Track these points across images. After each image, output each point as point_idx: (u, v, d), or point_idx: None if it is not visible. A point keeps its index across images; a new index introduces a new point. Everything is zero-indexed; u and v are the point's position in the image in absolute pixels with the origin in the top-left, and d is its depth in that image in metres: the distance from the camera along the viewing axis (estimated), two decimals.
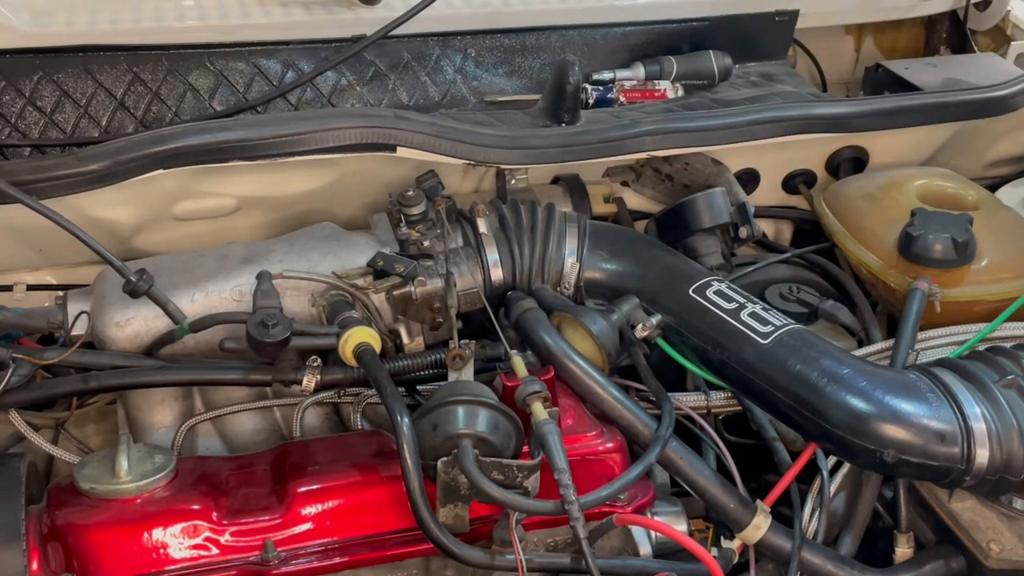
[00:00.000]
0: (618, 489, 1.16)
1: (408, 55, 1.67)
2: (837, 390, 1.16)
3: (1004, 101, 1.63)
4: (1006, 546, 1.21)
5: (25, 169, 1.29)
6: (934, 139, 1.68)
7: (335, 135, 1.34)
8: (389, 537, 1.19)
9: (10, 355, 1.23)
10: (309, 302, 1.33)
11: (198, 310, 1.30)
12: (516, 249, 1.39)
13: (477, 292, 1.36)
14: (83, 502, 1.16)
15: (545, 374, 1.23)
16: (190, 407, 1.37)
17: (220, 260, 1.36)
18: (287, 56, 1.62)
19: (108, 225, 1.39)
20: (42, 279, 1.50)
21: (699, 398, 1.39)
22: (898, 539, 1.29)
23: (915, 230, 1.41)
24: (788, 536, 1.21)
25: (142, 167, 1.30)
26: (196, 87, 1.59)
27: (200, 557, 1.14)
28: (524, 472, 1.11)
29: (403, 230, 1.37)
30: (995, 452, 1.12)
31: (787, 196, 1.71)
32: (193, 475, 1.21)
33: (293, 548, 1.16)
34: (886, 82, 1.78)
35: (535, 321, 1.29)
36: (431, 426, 1.13)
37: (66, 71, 1.55)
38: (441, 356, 1.28)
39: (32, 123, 1.55)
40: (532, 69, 1.72)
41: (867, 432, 1.13)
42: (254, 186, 1.42)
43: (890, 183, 1.59)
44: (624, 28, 1.76)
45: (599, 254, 1.39)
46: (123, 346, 1.30)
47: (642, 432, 1.23)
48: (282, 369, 1.27)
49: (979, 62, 1.82)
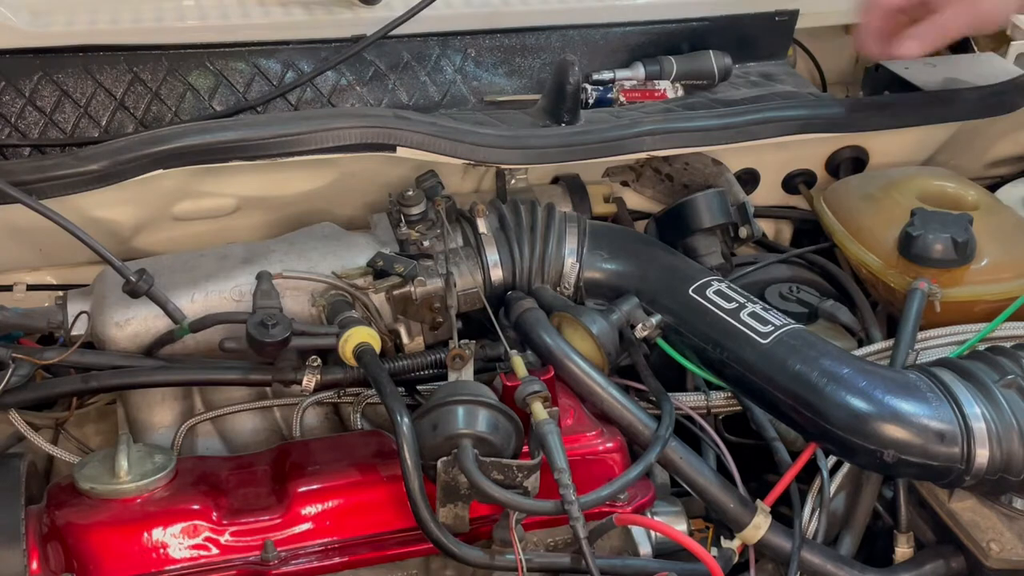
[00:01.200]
0: (618, 489, 1.16)
1: (408, 55, 1.66)
2: (837, 390, 1.16)
3: (1004, 101, 1.63)
4: (1006, 546, 1.21)
5: (25, 169, 1.29)
6: (934, 139, 1.68)
7: (335, 135, 1.34)
8: (389, 537, 1.19)
9: (10, 355, 1.23)
10: (309, 302, 1.33)
11: (198, 310, 1.30)
12: (516, 249, 1.39)
13: (477, 292, 1.36)
14: (83, 502, 1.16)
15: (545, 374, 1.23)
16: (190, 407, 1.37)
17: (220, 260, 1.36)
18: (287, 56, 1.62)
19: (108, 225, 1.39)
20: (42, 279, 1.50)
21: (699, 398, 1.39)
22: (898, 539, 1.29)
23: (915, 230, 1.41)
24: (788, 536, 1.21)
25: (142, 167, 1.30)
26: (196, 87, 1.59)
27: (200, 557, 1.14)
28: (524, 472, 1.12)
29: (403, 230, 1.37)
30: (995, 452, 1.12)
31: (787, 196, 1.71)
32: (193, 475, 1.21)
33: (293, 548, 1.16)
34: (886, 82, 1.78)
35: (535, 321, 1.29)
36: (431, 426, 1.13)
37: (66, 71, 1.55)
38: (441, 356, 1.28)
39: (32, 123, 1.55)
40: (532, 69, 1.72)
41: (867, 432, 1.13)
42: (254, 186, 1.42)
43: (890, 183, 1.59)
44: (624, 28, 1.76)
45: (599, 254, 1.39)
46: (123, 346, 1.30)
47: (642, 432, 1.23)
48: (282, 369, 1.27)
49: (979, 62, 1.82)
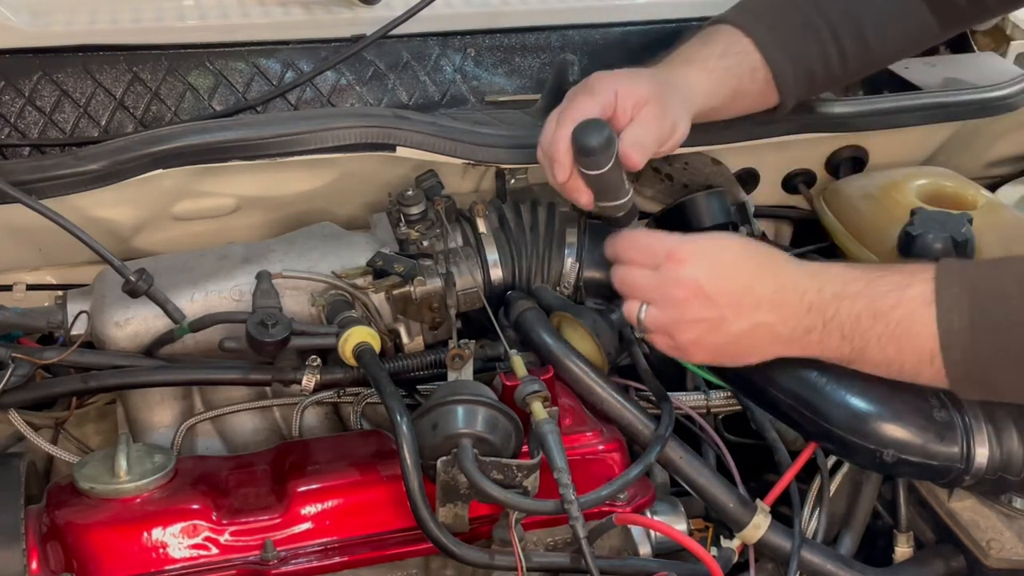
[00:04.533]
0: (618, 489, 1.16)
1: (408, 55, 1.66)
2: (837, 389, 1.16)
3: (1004, 101, 1.62)
4: (1006, 545, 1.21)
5: (24, 169, 1.29)
6: (934, 139, 1.68)
7: (335, 135, 1.34)
8: (389, 537, 1.19)
9: (10, 355, 1.23)
10: (309, 302, 1.33)
11: (197, 310, 1.30)
12: (516, 249, 1.39)
13: (477, 292, 1.36)
14: (82, 502, 1.16)
15: (545, 374, 1.23)
16: (190, 407, 1.37)
17: (220, 260, 1.36)
18: (287, 56, 1.62)
19: (108, 225, 1.39)
20: (42, 279, 1.49)
21: (699, 398, 1.39)
22: (898, 539, 1.30)
23: (915, 230, 1.41)
24: (788, 535, 1.21)
25: (141, 167, 1.30)
26: (195, 87, 1.59)
27: (200, 557, 1.14)
28: (523, 472, 1.12)
29: (403, 230, 1.37)
30: (994, 451, 1.12)
31: (787, 196, 1.71)
32: (192, 475, 1.21)
33: (293, 548, 1.16)
34: (886, 82, 1.77)
35: (534, 321, 1.29)
36: (430, 426, 1.13)
37: (66, 71, 1.54)
38: (441, 356, 1.28)
39: (32, 123, 1.55)
40: (532, 69, 1.72)
41: (867, 431, 1.13)
42: (254, 186, 1.42)
43: (890, 183, 1.58)
44: (624, 28, 1.76)
45: (599, 253, 1.39)
46: (123, 346, 1.30)
47: (642, 432, 1.23)
48: (282, 369, 1.27)
49: (979, 62, 1.81)
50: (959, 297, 1.05)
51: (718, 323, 1.13)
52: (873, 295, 1.09)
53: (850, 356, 1.12)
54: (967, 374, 1.06)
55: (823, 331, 1.11)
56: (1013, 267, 1.09)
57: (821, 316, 1.11)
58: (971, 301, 1.05)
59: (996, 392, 1.09)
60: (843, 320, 1.10)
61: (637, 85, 1.21)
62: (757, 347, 1.15)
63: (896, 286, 1.08)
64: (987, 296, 1.05)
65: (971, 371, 1.06)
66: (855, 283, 1.10)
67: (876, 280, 1.10)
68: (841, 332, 1.10)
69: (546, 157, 1.21)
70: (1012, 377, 1.06)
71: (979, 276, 1.08)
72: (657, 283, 1.16)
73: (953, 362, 1.05)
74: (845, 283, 1.11)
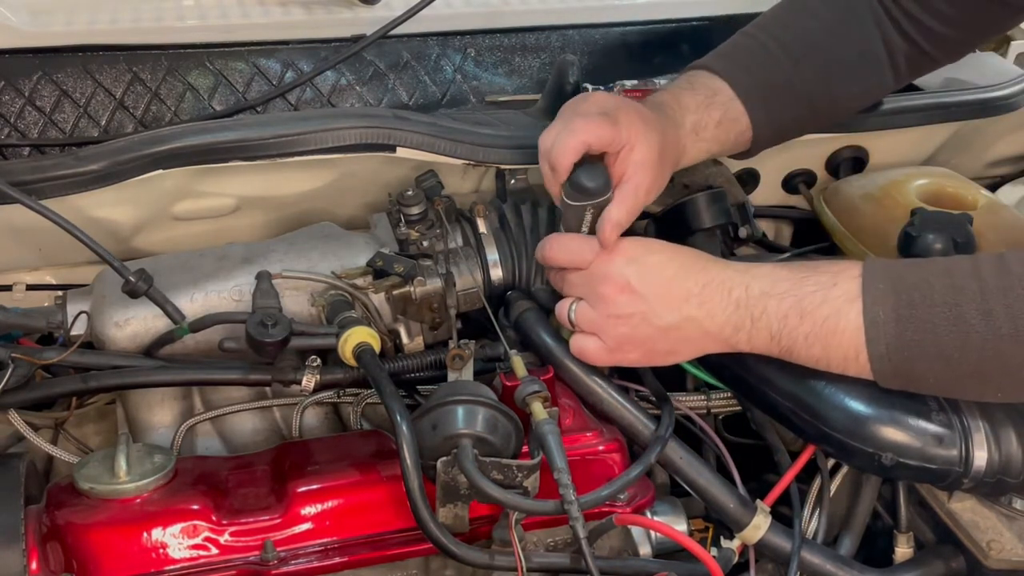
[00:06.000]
0: (618, 489, 1.16)
1: (408, 55, 1.66)
2: (835, 392, 1.16)
3: (1004, 101, 1.63)
4: (1006, 546, 1.21)
5: (24, 169, 1.29)
6: (934, 139, 1.68)
7: (335, 135, 1.34)
8: (389, 537, 1.19)
9: (9, 355, 1.22)
10: (309, 302, 1.33)
11: (197, 310, 1.30)
12: (516, 249, 1.39)
13: (477, 292, 1.36)
14: (82, 502, 1.16)
15: (545, 374, 1.23)
16: (190, 407, 1.37)
17: (220, 260, 1.36)
18: (287, 56, 1.62)
19: (108, 225, 1.39)
20: (42, 279, 1.49)
21: (699, 398, 1.39)
22: (898, 539, 1.29)
23: (915, 230, 1.41)
24: (788, 536, 1.21)
25: (141, 167, 1.30)
26: (195, 87, 1.59)
27: (199, 557, 1.14)
28: (524, 472, 1.12)
29: (403, 230, 1.37)
30: (993, 454, 1.12)
31: (787, 196, 1.71)
32: (192, 475, 1.21)
33: (293, 548, 1.16)
34: None
35: (534, 321, 1.29)
36: (430, 426, 1.13)
37: (65, 71, 1.55)
38: (441, 356, 1.28)
39: (31, 123, 1.55)
40: (532, 69, 1.72)
41: (865, 434, 1.13)
42: (254, 186, 1.42)
43: (890, 183, 1.59)
44: (624, 28, 1.76)
45: None
46: (123, 346, 1.30)
47: (642, 432, 1.23)
48: (282, 369, 1.27)
49: (979, 62, 1.81)
50: (884, 291, 1.07)
51: (647, 317, 1.15)
52: (800, 294, 1.11)
53: (779, 355, 1.14)
54: (892, 367, 1.08)
55: (751, 330, 1.13)
56: (938, 262, 1.10)
57: (749, 314, 1.13)
58: (896, 293, 1.06)
59: (920, 384, 1.10)
60: (771, 319, 1.12)
61: (649, 144, 1.21)
62: (687, 342, 1.17)
63: (822, 285, 1.10)
64: (912, 288, 1.06)
65: (896, 364, 1.07)
66: (783, 282, 1.12)
67: (803, 279, 1.12)
68: (770, 331, 1.12)
69: (546, 162, 1.21)
70: (936, 367, 1.07)
71: (904, 270, 1.09)
72: (586, 281, 1.19)
73: (878, 355, 1.07)
74: (773, 282, 1.13)
